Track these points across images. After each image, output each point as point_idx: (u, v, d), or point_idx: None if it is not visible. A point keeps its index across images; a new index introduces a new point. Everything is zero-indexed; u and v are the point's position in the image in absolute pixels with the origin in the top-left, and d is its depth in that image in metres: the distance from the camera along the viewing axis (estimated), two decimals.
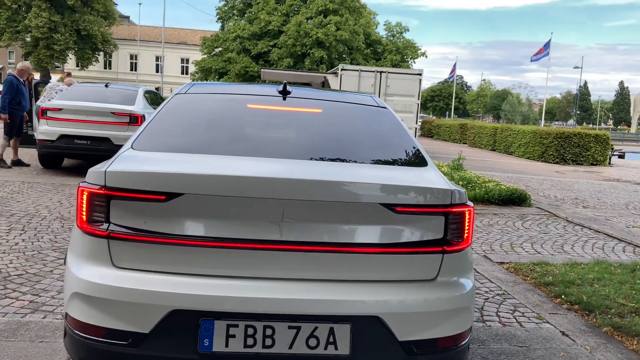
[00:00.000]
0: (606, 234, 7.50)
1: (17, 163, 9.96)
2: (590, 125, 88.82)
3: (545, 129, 22.42)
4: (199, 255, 2.19)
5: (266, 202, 2.18)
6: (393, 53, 35.82)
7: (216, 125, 2.81)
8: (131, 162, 2.34)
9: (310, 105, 3.09)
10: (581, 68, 52.13)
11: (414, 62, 37.95)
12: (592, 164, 20.32)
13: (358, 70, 17.55)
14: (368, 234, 2.27)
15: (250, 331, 2.14)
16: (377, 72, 17.53)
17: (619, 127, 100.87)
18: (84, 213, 2.26)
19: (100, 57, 57.09)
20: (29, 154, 11.08)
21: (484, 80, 64.57)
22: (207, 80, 39.60)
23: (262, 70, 21.71)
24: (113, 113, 9.40)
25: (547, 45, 41.44)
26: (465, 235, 2.39)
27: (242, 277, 2.20)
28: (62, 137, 9.32)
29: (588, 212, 9.32)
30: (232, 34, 36.05)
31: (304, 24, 32.57)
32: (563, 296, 4.60)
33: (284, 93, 3.10)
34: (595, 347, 3.69)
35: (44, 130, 9.39)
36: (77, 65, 51.04)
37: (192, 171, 2.21)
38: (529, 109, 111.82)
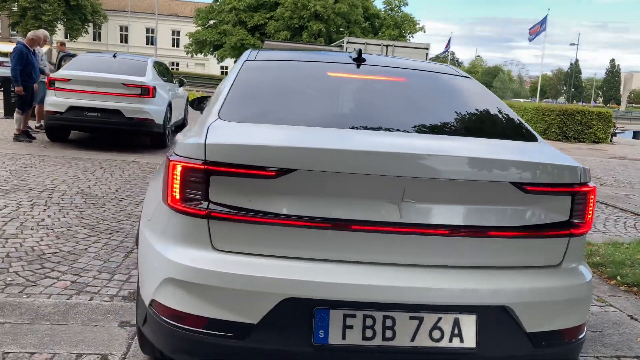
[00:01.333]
0: (634, 213, 7.40)
1: (26, 134, 9.59)
2: (581, 103, 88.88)
3: (548, 106, 22.29)
4: (312, 237, 1.98)
5: (386, 180, 1.96)
6: (391, 28, 35.29)
7: (303, 95, 2.58)
8: (231, 134, 2.10)
9: (392, 73, 2.86)
10: (577, 45, 51.98)
11: (412, 37, 37.52)
12: (594, 142, 20.25)
13: (364, 43, 17.22)
14: (495, 215, 2.06)
15: (369, 322, 1.94)
16: (384, 45, 17.21)
17: (608, 105, 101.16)
18: (177, 190, 2.03)
19: (90, 29, 55.90)
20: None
21: (478, 56, 64.15)
22: (202, 52, 38.88)
23: (265, 42, 21.19)
24: (124, 84, 9.05)
25: (543, 21, 41.11)
26: (589, 217, 2.19)
27: (358, 262, 1.99)
28: (71, 108, 8.96)
29: (607, 190, 9.21)
30: (228, 5, 35.24)
31: None
32: (619, 277, 4.46)
33: (359, 60, 2.86)
34: None
35: (52, 101, 9.02)
36: (66, 37, 49.85)
37: (307, 145, 1.99)
38: (520, 86, 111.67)
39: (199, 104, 4.45)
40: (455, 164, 2.00)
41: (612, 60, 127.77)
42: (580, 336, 2.19)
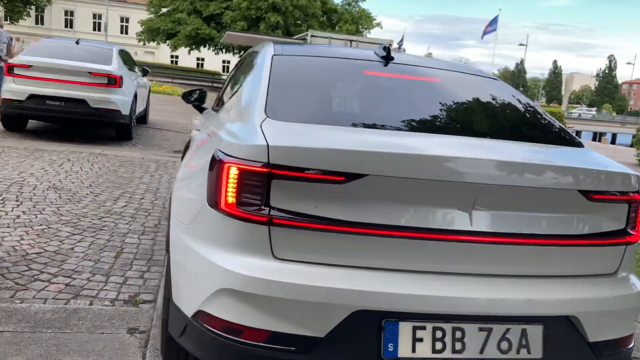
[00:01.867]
0: None
1: None
2: None
3: None
4: (379, 246, 1.88)
5: (459, 187, 1.89)
6: (348, 22, 35.28)
7: (346, 93, 2.48)
8: (293, 135, 1.97)
9: (426, 74, 2.78)
10: (526, 45, 53.55)
11: (369, 33, 37.62)
12: None
13: (328, 38, 17.13)
14: (560, 223, 2.02)
15: (438, 334, 1.87)
16: (347, 40, 17.17)
17: (550, 104, 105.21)
18: (233, 194, 1.89)
19: (32, 12, 53.30)
20: None
21: (429, 53, 65.03)
22: (154, 41, 37.78)
23: (227, 33, 20.77)
24: (90, 73, 8.63)
25: (493, 21, 42.20)
26: None
27: (427, 272, 1.91)
28: (32, 97, 8.46)
29: None
30: None
31: None
32: None
33: (388, 58, 2.77)
34: None
35: (10, 88, 8.50)
36: (6, 19, 47.33)
37: (380, 149, 1.88)
38: None
39: (198, 98, 4.27)
40: (528, 170, 1.95)
41: (555, 62, 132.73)
42: (631, 345, 2.20)
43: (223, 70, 65.88)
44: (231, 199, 1.90)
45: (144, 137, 10.30)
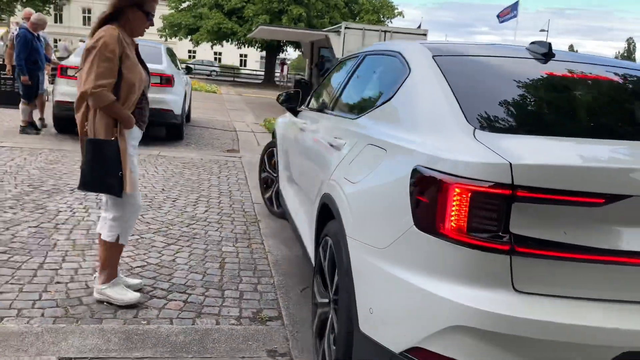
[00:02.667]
0: None
1: (32, 125, 8.89)
2: None
3: None
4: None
5: None
6: (370, 13, 34.80)
7: (540, 98, 2.25)
8: (528, 151, 1.75)
9: (603, 72, 2.53)
10: (547, 31, 52.42)
11: (391, 22, 37.14)
12: None
13: (362, 29, 16.81)
14: None
15: None
16: (382, 31, 16.86)
17: None
18: (461, 218, 1.68)
19: (51, 10, 53.53)
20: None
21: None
22: (176, 36, 37.61)
23: (260, 27, 20.52)
24: None
25: (514, 6, 41.43)
26: None
27: None
28: None
29: None
30: None
31: None
32: None
33: (549, 56, 2.53)
34: None
35: (64, 91, 8.36)
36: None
37: None
38: None
39: (299, 100, 4.09)
40: None
41: (571, 47, 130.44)
42: None
43: (241, 65, 65.68)
44: (459, 224, 1.69)
45: (193, 137, 10.15)
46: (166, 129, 9.36)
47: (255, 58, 69.05)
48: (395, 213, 1.94)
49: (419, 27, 54.82)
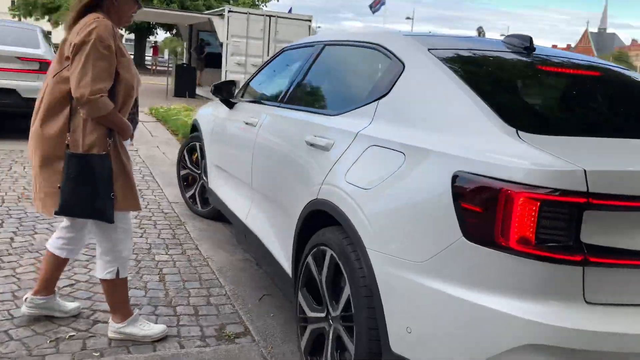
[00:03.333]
0: None
1: None
2: None
3: None
4: None
5: None
6: None
7: (550, 95, 2.19)
8: (597, 155, 1.67)
9: (584, 68, 2.56)
10: (412, 19, 55.22)
11: (266, 6, 36.68)
12: None
13: (247, 13, 16.35)
14: None
15: None
16: (266, 15, 16.52)
17: None
18: (527, 229, 1.57)
19: None
20: None
21: (319, 27, 64.88)
22: (31, 16, 34.09)
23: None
24: (19, 58, 7.48)
25: None
26: None
27: None
28: None
29: None
30: None
31: None
32: None
33: (531, 50, 2.52)
34: None
35: None
36: None
37: None
38: None
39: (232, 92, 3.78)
40: None
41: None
42: None
43: None
44: (525, 235, 1.58)
45: None
46: None
47: None
48: (433, 223, 1.79)
49: (290, 11, 54.80)
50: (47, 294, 2.80)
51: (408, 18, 56.10)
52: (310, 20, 17.06)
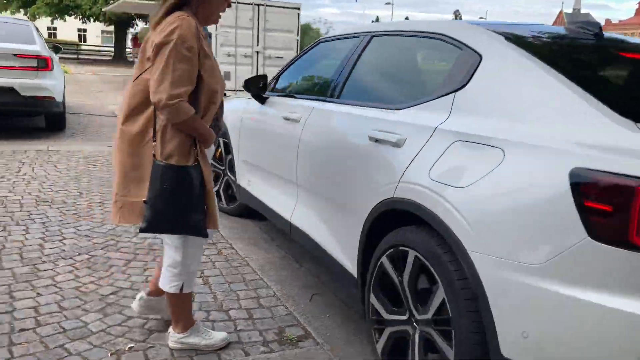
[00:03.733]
0: None
1: None
2: None
3: None
4: None
5: None
6: None
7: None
8: None
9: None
10: (392, 4, 54.98)
11: None
12: None
13: (235, 2, 16.05)
14: None
15: None
16: (255, 4, 16.25)
17: None
18: None
19: None
20: None
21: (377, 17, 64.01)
22: (6, 10, 33.18)
23: (124, 0, 18.57)
24: (16, 55, 7.23)
25: None
26: None
27: None
28: None
29: None
30: None
31: None
32: None
33: (600, 36, 2.45)
34: None
35: None
36: None
37: None
38: None
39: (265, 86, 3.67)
40: None
41: (407, 18, 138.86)
42: None
43: (80, 40, 60.19)
44: None
45: (74, 126, 8.99)
46: (46, 119, 8.19)
47: (96, 33, 63.74)
48: (549, 223, 1.71)
49: None
50: (186, 328, 2.64)
51: (387, 3, 55.95)
52: (299, 9, 16.85)
